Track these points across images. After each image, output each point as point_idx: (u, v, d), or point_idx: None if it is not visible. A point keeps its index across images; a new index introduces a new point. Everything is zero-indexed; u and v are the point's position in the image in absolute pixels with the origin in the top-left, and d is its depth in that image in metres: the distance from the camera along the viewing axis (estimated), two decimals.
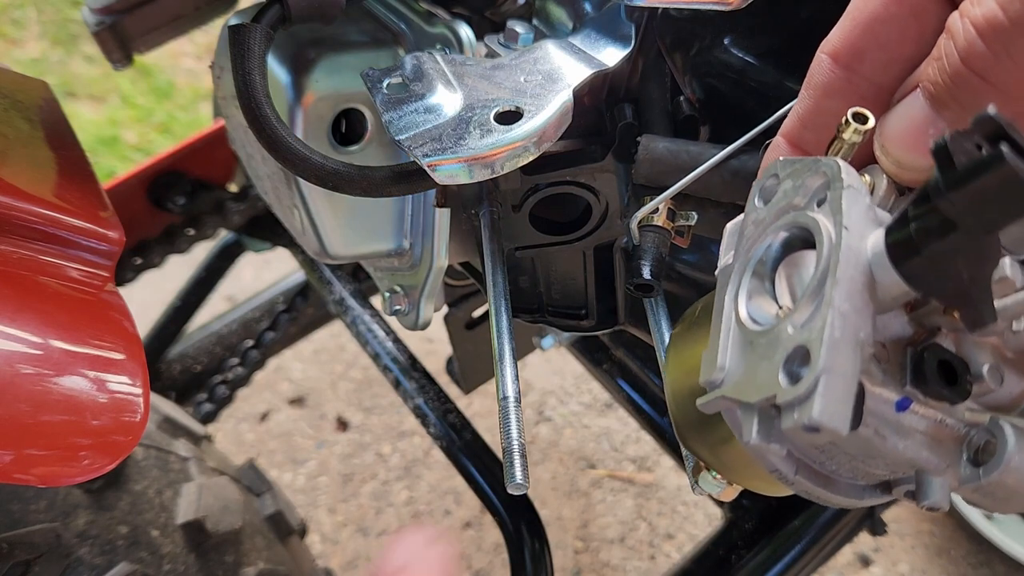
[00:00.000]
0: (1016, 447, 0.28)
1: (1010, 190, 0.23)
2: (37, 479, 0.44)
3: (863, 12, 0.34)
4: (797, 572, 0.87)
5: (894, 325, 0.30)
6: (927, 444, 0.30)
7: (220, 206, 1.12)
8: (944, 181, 0.24)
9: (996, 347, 0.30)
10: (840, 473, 0.32)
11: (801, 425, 0.25)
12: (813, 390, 0.25)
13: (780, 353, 0.27)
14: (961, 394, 0.29)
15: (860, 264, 0.28)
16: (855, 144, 0.32)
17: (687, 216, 0.48)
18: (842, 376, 0.26)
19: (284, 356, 1.84)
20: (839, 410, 0.25)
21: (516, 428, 0.44)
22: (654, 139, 0.48)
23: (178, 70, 2.71)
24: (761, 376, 0.28)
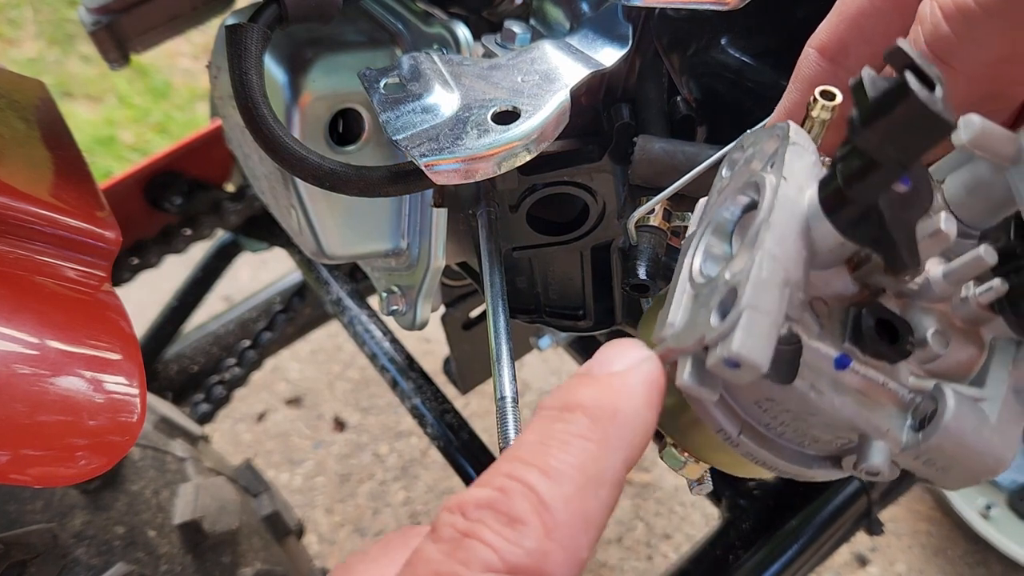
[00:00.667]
0: (955, 411, 0.28)
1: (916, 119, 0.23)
2: (33, 479, 0.44)
3: (849, 7, 0.35)
4: (794, 572, 0.87)
5: (837, 283, 0.30)
6: (867, 405, 0.30)
7: (217, 206, 1.12)
8: (860, 118, 0.24)
9: (944, 314, 0.30)
10: (786, 436, 0.32)
11: (722, 359, 0.25)
12: (735, 325, 0.25)
13: (716, 298, 0.28)
14: (900, 353, 0.29)
15: (796, 213, 0.28)
16: (825, 121, 0.33)
17: (683, 217, 0.48)
18: (765, 314, 0.26)
19: (281, 356, 1.83)
20: (759, 345, 0.25)
21: (514, 428, 0.44)
22: (651, 140, 0.48)
23: (175, 70, 2.71)
24: (699, 322, 0.28)
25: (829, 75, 0.35)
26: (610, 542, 1.60)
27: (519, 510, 0.26)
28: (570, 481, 0.26)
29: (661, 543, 1.60)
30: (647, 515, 1.64)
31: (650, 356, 0.30)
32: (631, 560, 1.57)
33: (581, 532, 0.26)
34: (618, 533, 1.61)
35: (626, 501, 1.66)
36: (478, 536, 0.26)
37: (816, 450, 0.32)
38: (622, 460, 0.28)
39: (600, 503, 0.27)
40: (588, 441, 0.28)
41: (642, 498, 1.67)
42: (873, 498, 0.92)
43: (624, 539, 1.61)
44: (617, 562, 1.57)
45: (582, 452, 0.27)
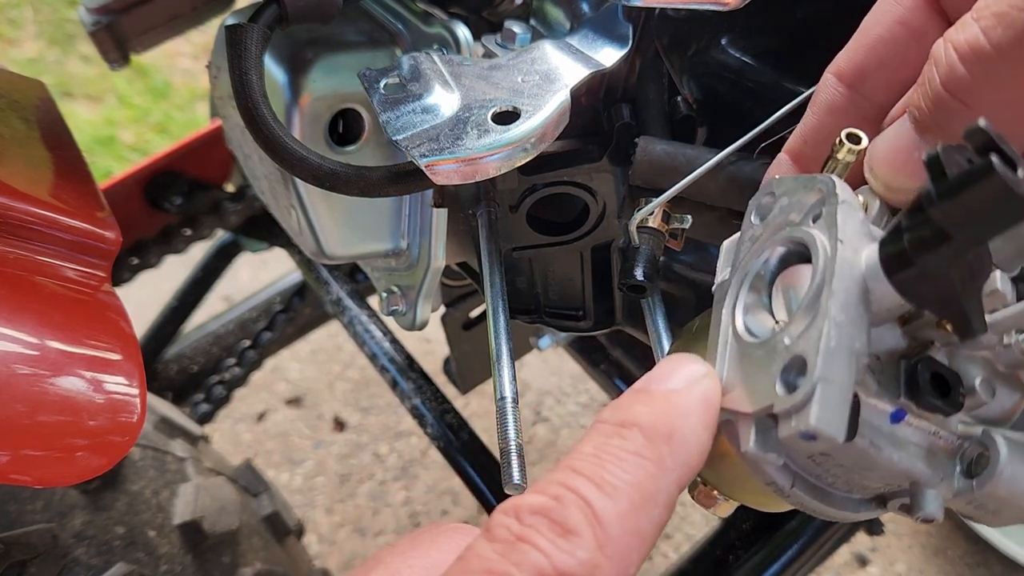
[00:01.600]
0: (1008, 459, 0.29)
1: (999, 200, 0.23)
2: (34, 479, 0.44)
3: (869, 35, 0.35)
4: (794, 572, 0.87)
5: (888, 338, 0.30)
6: (921, 456, 0.30)
7: (217, 206, 1.12)
8: (936, 191, 0.25)
9: (988, 361, 0.31)
10: (836, 486, 0.32)
11: (798, 432, 0.26)
12: (810, 398, 0.25)
13: (777, 364, 0.28)
14: (954, 406, 0.29)
15: (855, 276, 0.28)
16: (849, 163, 0.33)
17: (681, 219, 0.48)
18: (838, 385, 0.26)
19: (281, 356, 1.83)
20: (835, 418, 0.26)
21: (513, 428, 0.44)
22: (652, 141, 0.48)
23: (175, 70, 2.71)
24: (759, 387, 0.29)
25: (846, 101, 0.36)
26: None
27: (574, 521, 0.26)
28: (625, 498, 0.27)
29: (661, 543, 1.60)
30: None
31: (708, 373, 0.30)
32: None
33: (633, 549, 0.26)
34: None
35: None
36: (531, 541, 0.26)
37: (863, 494, 0.33)
38: (676, 480, 0.28)
39: (652, 522, 0.27)
40: (644, 460, 0.28)
41: None
42: None
43: None
44: None
45: (638, 470, 0.28)
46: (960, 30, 0.30)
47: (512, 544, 0.27)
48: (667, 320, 0.53)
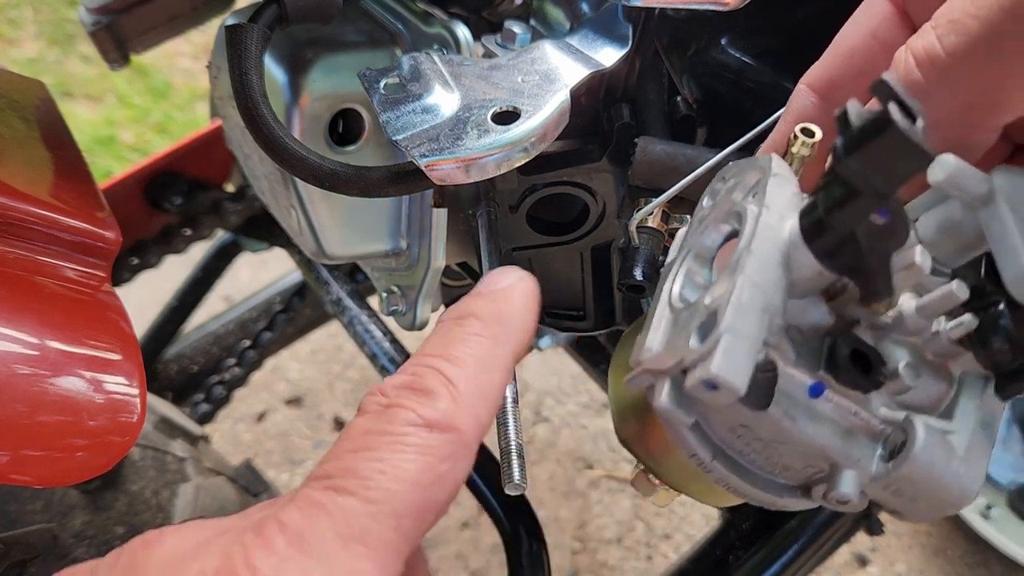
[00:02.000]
0: (925, 443, 0.29)
1: (898, 147, 0.24)
2: (34, 479, 0.44)
3: (841, 47, 0.37)
4: (794, 572, 0.87)
5: (814, 313, 0.31)
6: (839, 434, 0.30)
7: (217, 206, 1.12)
8: (843, 146, 0.25)
9: (917, 347, 0.31)
10: (757, 464, 0.32)
11: (701, 380, 0.26)
12: (715, 348, 0.26)
13: (696, 321, 0.29)
14: (873, 383, 0.29)
15: (776, 240, 0.29)
16: (804, 157, 0.34)
17: (680, 219, 0.48)
18: (745, 338, 0.27)
19: (281, 356, 1.83)
20: (738, 368, 0.26)
21: (513, 428, 0.44)
22: (652, 141, 0.48)
23: (175, 70, 2.71)
24: (678, 345, 0.29)
25: (819, 110, 0.37)
26: (610, 542, 1.60)
27: (431, 385, 0.34)
28: (471, 366, 0.35)
29: (661, 543, 1.60)
30: (647, 515, 1.64)
31: (526, 275, 0.38)
32: (631, 560, 1.57)
33: (481, 404, 0.34)
34: (618, 533, 1.61)
35: (626, 501, 1.66)
36: (399, 405, 0.33)
37: (787, 479, 0.33)
38: (510, 352, 0.36)
39: (494, 384, 0.35)
40: (482, 338, 0.35)
41: (642, 498, 1.67)
42: None
43: (624, 539, 1.61)
44: (617, 562, 1.57)
45: (478, 346, 0.35)
46: (919, 37, 0.31)
47: (382, 412, 0.33)
48: None
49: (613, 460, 1.74)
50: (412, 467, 0.32)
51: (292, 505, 0.33)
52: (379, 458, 0.32)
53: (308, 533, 0.31)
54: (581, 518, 1.64)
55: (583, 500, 1.66)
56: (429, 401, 0.33)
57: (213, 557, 0.31)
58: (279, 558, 0.30)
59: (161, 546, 0.34)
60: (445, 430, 0.34)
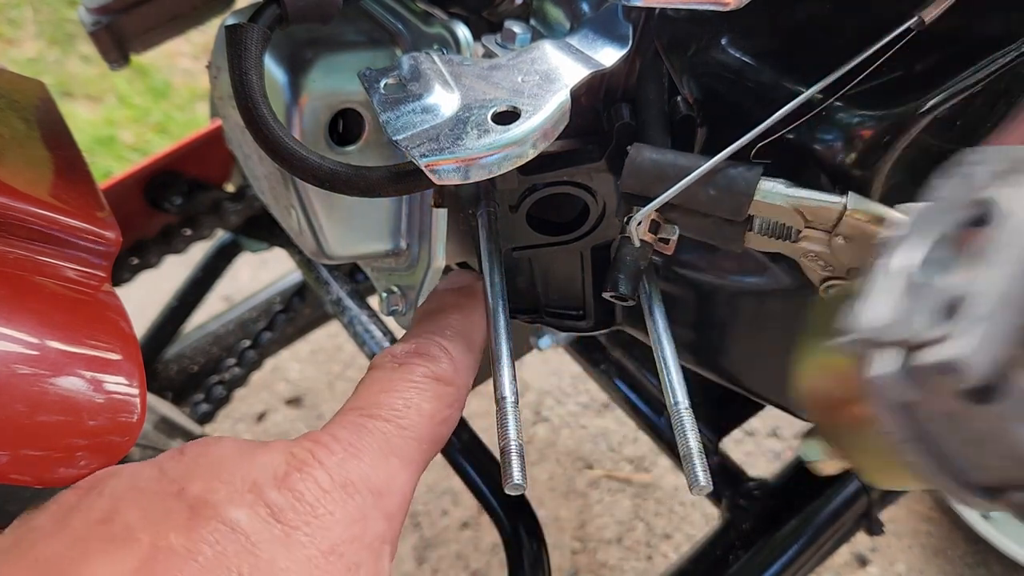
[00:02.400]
0: None
1: None
2: (34, 479, 0.44)
3: None
4: (794, 572, 0.87)
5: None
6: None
7: (217, 206, 1.12)
8: None
9: None
10: (953, 454, 0.31)
11: (939, 361, 0.25)
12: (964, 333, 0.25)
13: (937, 301, 0.27)
14: None
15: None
16: None
17: (671, 230, 0.49)
18: (995, 327, 0.25)
19: (281, 356, 1.83)
20: (983, 358, 0.25)
21: (514, 428, 0.44)
22: (642, 150, 0.48)
23: (175, 70, 2.71)
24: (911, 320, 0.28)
25: None
26: (610, 542, 1.60)
27: (434, 352, 0.46)
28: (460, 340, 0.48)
29: (661, 543, 1.60)
30: (647, 515, 1.64)
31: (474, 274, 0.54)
32: (631, 560, 1.57)
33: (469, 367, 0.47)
34: (618, 533, 1.61)
35: (626, 501, 1.66)
36: (413, 363, 0.45)
37: (978, 477, 0.31)
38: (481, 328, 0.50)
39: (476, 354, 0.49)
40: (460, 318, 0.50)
41: (642, 498, 1.67)
42: (873, 498, 0.92)
43: (624, 539, 1.61)
44: (617, 562, 1.57)
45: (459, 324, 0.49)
46: None
47: (399, 367, 0.44)
48: (667, 320, 0.53)
49: (613, 460, 1.74)
50: (429, 407, 0.43)
51: (337, 426, 0.41)
52: (405, 397, 0.43)
53: (357, 445, 0.40)
54: (581, 518, 1.64)
55: (583, 500, 1.67)
56: (434, 363, 0.45)
57: (277, 455, 0.39)
58: (339, 458, 0.39)
59: (220, 447, 0.40)
60: (449, 384, 0.45)
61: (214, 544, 0.35)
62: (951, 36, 0.45)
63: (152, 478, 0.39)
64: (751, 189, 0.45)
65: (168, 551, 0.34)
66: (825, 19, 0.49)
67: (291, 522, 0.36)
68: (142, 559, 0.34)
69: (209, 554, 0.34)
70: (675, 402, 0.47)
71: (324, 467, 0.38)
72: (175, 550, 0.34)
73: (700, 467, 0.44)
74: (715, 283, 0.61)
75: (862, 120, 0.46)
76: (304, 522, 0.36)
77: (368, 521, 0.38)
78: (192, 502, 0.37)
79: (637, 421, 1.09)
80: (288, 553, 0.35)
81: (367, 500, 0.38)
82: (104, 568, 0.34)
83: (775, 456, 1.75)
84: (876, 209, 0.45)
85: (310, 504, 0.37)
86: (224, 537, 0.35)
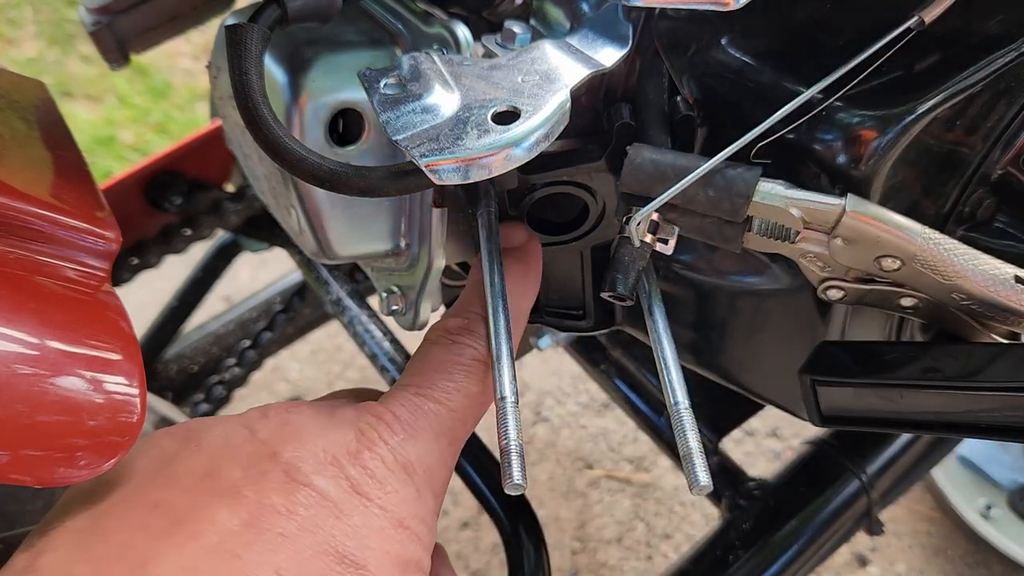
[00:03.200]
0: None
1: None
2: (33, 479, 0.43)
3: None
4: (794, 572, 0.87)
5: None
6: None
7: (217, 206, 1.12)
8: None
9: None
10: None
11: None
12: None
13: None
14: None
15: None
16: None
17: (671, 230, 0.49)
18: None
19: (281, 356, 1.83)
20: None
21: (514, 428, 0.44)
22: (641, 150, 0.48)
23: (175, 70, 2.71)
24: None
25: None
26: (610, 542, 1.60)
27: (482, 331, 0.49)
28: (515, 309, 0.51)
29: (661, 543, 1.60)
30: (647, 515, 1.64)
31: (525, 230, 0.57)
32: (631, 560, 1.57)
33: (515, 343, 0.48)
34: (618, 533, 1.61)
35: (626, 501, 1.66)
36: (463, 343, 0.48)
37: None
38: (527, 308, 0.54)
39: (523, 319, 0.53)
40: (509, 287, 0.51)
41: (642, 498, 1.67)
42: (873, 498, 0.92)
43: (624, 539, 1.61)
44: (617, 562, 1.57)
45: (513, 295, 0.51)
46: None
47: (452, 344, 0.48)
48: (667, 320, 0.53)
49: (613, 460, 1.74)
50: (475, 389, 0.47)
51: (397, 403, 0.45)
52: (455, 379, 0.46)
53: (414, 425, 0.44)
54: (581, 518, 1.64)
55: (583, 500, 1.67)
56: (482, 343, 0.48)
57: (349, 430, 0.43)
58: (399, 438, 0.43)
59: (300, 413, 0.45)
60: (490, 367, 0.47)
61: (308, 507, 0.39)
62: (951, 36, 0.45)
63: (245, 438, 0.43)
64: (750, 190, 0.45)
65: (272, 509, 0.39)
66: (825, 19, 0.49)
67: (368, 495, 0.41)
68: (251, 513, 0.39)
69: (305, 515, 0.39)
70: (675, 402, 0.47)
71: (388, 446, 0.43)
72: (277, 509, 0.39)
73: (700, 467, 0.44)
74: (715, 283, 0.61)
75: (862, 120, 0.46)
76: (377, 496, 0.41)
77: (423, 498, 0.43)
78: (285, 467, 0.41)
79: (637, 421, 1.09)
80: (367, 522, 0.41)
81: (423, 479, 0.43)
82: (220, 517, 0.38)
83: (775, 456, 1.75)
84: (875, 211, 0.45)
85: (379, 481, 0.42)
86: (316, 502, 0.40)
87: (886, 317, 0.59)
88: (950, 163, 0.49)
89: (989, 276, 0.44)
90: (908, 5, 0.44)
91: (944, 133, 0.47)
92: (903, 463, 0.95)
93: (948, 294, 0.47)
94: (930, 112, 0.45)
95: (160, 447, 0.45)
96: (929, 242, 0.44)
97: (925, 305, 0.50)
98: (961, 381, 0.46)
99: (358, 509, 0.41)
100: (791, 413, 0.64)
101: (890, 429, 0.51)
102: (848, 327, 0.57)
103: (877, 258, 0.46)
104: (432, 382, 0.46)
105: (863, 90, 0.46)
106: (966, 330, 0.51)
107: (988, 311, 0.47)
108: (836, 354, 0.53)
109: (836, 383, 0.51)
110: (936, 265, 0.45)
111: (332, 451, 0.42)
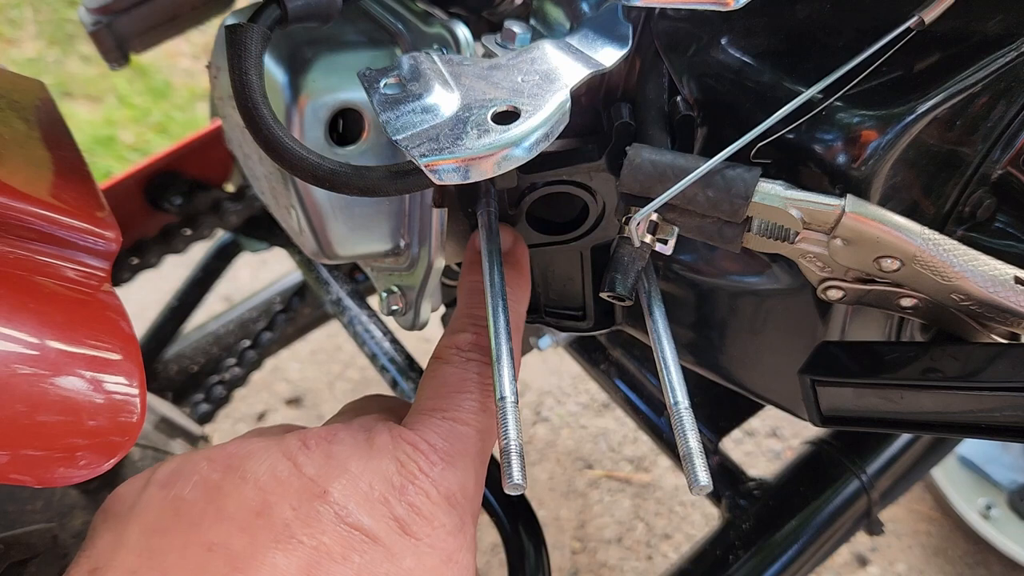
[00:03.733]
0: None
1: None
2: (33, 479, 0.44)
3: None
4: (794, 572, 0.87)
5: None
6: None
7: (217, 206, 1.12)
8: None
9: None
10: None
11: None
12: None
13: None
14: None
15: None
16: None
17: (670, 230, 0.49)
18: None
19: (281, 356, 1.83)
20: None
21: (514, 428, 0.44)
22: (641, 150, 0.48)
23: (175, 70, 2.71)
24: None
25: None
26: (610, 542, 1.60)
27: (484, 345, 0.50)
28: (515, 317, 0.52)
29: (661, 543, 1.60)
30: (647, 515, 1.64)
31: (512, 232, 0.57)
32: (631, 560, 1.57)
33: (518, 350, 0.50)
34: (618, 533, 1.61)
35: (626, 501, 1.66)
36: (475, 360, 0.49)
37: None
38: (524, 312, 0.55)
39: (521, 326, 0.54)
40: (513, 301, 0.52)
41: (642, 498, 1.67)
42: (873, 498, 0.92)
43: (624, 539, 1.61)
44: (617, 562, 1.57)
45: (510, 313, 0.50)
46: None
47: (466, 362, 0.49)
48: (667, 320, 0.53)
49: (613, 460, 1.74)
50: (493, 406, 0.47)
51: (431, 432, 0.46)
52: (476, 399, 0.48)
53: (450, 452, 0.45)
54: (581, 518, 1.64)
55: (583, 500, 1.67)
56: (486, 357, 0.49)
57: (390, 463, 0.44)
58: (439, 469, 0.44)
59: (341, 443, 0.45)
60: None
61: (363, 553, 0.40)
62: (951, 36, 0.45)
63: (291, 472, 0.43)
64: (749, 191, 0.45)
65: (327, 555, 0.39)
66: (825, 19, 0.49)
67: (416, 535, 0.42)
68: (307, 560, 0.39)
69: (359, 562, 0.40)
70: (675, 402, 0.47)
71: (430, 479, 0.44)
72: (332, 556, 0.40)
73: (700, 467, 0.44)
74: (715, 283, 0.61)
75: (862, 120, 0.46)
76: (425, 534, 0.42)
77: (465, 527, 0.45)
78: (337, 509, 0.41)
79: (637, 421, 1.09)
80: (419, 562, 0.42)
81: (465, 507, 0.45)
82: (278, 564, 0.38)
83: (775, 456, 1.75)
84: (874, 212, 0.45)
85: (426, 518, 0.43)
86: (370, 548, 0.41)
87: (886, 317, 0.59)
88: (950, 163, 0.49)
89: (989, 277, 0.44)
90: (908, 5, 0.44)
91: (944, 133, 0.47)
92: (903, 463, 0.95)
93: (948, 295, 0.47)
94: (930, 112, 0.45)
95: (201, 474, 0.43)
96: (928, 243, 0.44)
97: (925, 305, 0.50)
98: (961, 381, 0.46)
99: (409, 550, 0.41)
100: (791, 413, 0.64)
101: (890, 429, 0.51)
102: (848, 327, 0.57)
103: (876, 258, 0.46)
104: (456, 404, 0.47)
105: (863, 90, 0.46)
106: (966, 330, 0.51)
107: (988, 312, 0.47)
108: (836, 354, 0.53)
109: (836, 383, 0.51)
110: (935, 266, 0.45)
111: (379, 488, 0.43)
